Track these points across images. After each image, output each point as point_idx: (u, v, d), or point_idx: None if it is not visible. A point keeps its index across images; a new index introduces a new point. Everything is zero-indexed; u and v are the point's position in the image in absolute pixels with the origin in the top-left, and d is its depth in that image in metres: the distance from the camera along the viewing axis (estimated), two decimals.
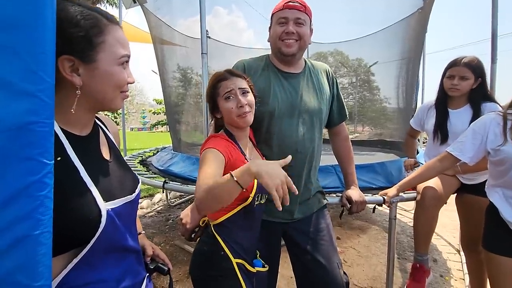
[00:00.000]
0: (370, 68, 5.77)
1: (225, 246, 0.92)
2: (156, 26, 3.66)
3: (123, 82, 0.62)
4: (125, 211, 0.64)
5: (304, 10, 1.11)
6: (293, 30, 1.09)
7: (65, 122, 0.59)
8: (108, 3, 7.44)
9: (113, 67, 0.59)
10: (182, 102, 4.44)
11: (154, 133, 25.80)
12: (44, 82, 0.45)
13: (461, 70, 1.55)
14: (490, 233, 1.22)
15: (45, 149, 0.45)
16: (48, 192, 0.46)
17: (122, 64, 0.61)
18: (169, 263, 0.88)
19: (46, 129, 0.45)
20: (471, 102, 1.59)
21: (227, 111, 0.95)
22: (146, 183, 2.13)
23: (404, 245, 2.78)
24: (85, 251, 0.56)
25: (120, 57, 0.60)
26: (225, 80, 0.96)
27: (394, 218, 1.58)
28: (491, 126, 1.16)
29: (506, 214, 1.12)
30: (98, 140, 0.67)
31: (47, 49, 0.45)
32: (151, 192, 4.40)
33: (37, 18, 0.44)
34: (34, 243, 0.45)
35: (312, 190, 1.22)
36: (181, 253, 2.59)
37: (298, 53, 1.14)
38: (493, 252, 1.17)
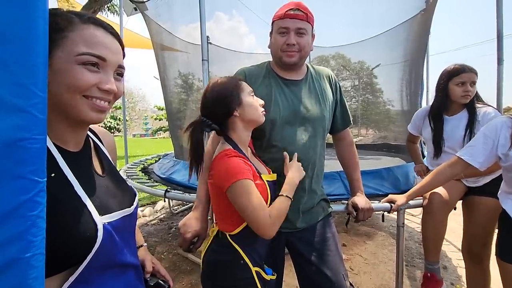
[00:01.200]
0: (372, 70, 5.75)
1: (244, 255, 0.92)
2: (157, 33, 3.68)
3: (80, 84, 0.53)
4: (123, 225, 0.62)
5: (306, 18, 1.07)
6: (294, 42, 1.07)
7: (57, 139, 0.57)
8: (110, 11, 7.52)
9: (69, 65, 0.52)
10: (184, 108, 4.44)
11: (156, 139, 25.91)
12: (36, 97, 0.42)
13: (472, 76, 1.57)
14: (504, 242, 1.17)
15: (37, 166, 0.43)
16: (40, 211, 0.44)
17: (85, 65, 0.53)
18: (170, 279, 0.84)
19: (37, 145, 0.43)
20: (468, 106, 1.60)
21: (253, 104, 0.98)
22: (147, 192, 2.10)
23: (412, 251, 2.71)
24: (82, 268, 0.53)
25: (77, 54, 0.52)
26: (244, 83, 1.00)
27: (402, 226, 1.54)
28: (502, 130, 1.12)
29: None
30: (90, 154, 0.65)
31: (38, 62, 0.43)
32: (153, 200, 4.37)
33: (29, 29, 0.42)
34: (25, 266, 0.42)
35: (316, 198, 1.19)
36: (184, 262, 2.55)
37: (300, 61, 1.13)
38: (508, 262, 1.12)
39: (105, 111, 0.59)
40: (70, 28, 0.53)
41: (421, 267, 2.41)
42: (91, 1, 5.04)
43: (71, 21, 0.54)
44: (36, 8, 0.42)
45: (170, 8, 3.42)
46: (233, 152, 0.91)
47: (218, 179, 0.90)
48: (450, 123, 1.64)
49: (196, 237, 1.07)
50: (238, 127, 0.97)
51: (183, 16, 3.60)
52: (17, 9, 0.40)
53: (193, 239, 1.06)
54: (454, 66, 1.62)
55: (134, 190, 0.72)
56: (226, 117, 0.96)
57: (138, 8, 3.56)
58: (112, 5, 7.21)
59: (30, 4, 0.41)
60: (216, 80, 0.99)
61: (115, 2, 6.80)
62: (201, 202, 1.10)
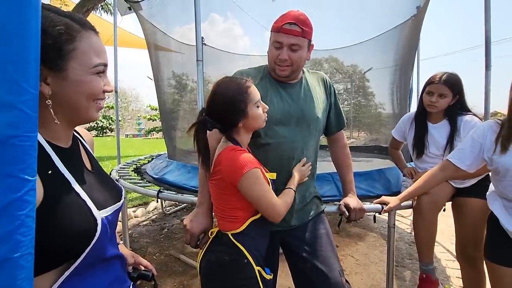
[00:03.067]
0: (364, 74, 5.82)
1: (247, 254, 0.93)
2: (152, 33, 3.66)
3: (96, 92, 0.59)
4: (113, 219, 0.64)
5: (301, 34, 1.07)
6: (286, 57, 1.08)
7: (48, 135, 0.57)
8: (103, 10, 7.43)
9: (86, 76, 0.56)
10: (177, 109, 4.41)
11: (150, 140, 25.66)
12: (27, 93, 0.42)
13: (440, 88, 1.58)
14: (491, 243, 1.20)
15: (27, 164, 0.42)
16: (29, 211, 0.43)
17: (97, 74, 0.58)
18: (152, 268, 0.86)
19: (28, 143, 0.42)
20: (448, 117, 1.63)
21: (259, 116, 0.99)
22: (140, 192, 2.08)
23: (402, 252, 2.75)
24: (78, 262, 0.54)
25: (93, 66, 0.57)
26: (252, 87, 0.99)
27: (392, 227, 1.56)
28: (488, 134, 1.15)
29: (505, 223, 1.10)
30: (79, 151, 0.67)
31: (31, 59, 0.42)
32: (145, 200, 4.33)
33: (21, 27, 0.41)
34: (14, 266, 0.42)
35: (308, 196, 1.21)
36: (176, 263, 2.53)
37: (292, 74, 1.15)
38: (495, 263, 1.15)
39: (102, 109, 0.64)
40: (78, 38, 0.55)
41: (411, 268, 2.44)
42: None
43: (77, 30, 0.55)
44: (29, 5, 0.42)
45: (165, 8, 3.40)
46: (239, 147, 0.95)
47: (228, 173, 0.91)
48: (433, 131, 1.67)
49: (203, 233, 1.07)
50: (240, 132, 1.00)
51: (178, 17, 3.59)
52: (10, 7, 0.40)
53: (199, 236, 1.07)
54: (433, 75, 1.65)
55: (119, 185, 0.74)
56: (230, 126, 0.97)
57: (133, 8, 3.53)
58: (105, 4, 7.13)
59: (23, 1, 0.41)
60: (227, 84, 0.98)
61: (108, 1, 6.73)
62: (205, 198, 1.10)
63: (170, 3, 3.39)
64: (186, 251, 2.71)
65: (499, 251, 1.14)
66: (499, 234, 1.13)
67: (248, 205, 0.95)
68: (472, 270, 1.56)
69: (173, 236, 3.17)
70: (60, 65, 0.53)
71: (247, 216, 0.96)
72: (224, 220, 0.98)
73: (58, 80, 0.54)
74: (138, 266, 0.84)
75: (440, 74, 1.61)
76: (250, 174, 0.89)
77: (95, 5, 5.21)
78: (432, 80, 1.62)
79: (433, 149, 1.67)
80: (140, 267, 0.84)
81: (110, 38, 3.87)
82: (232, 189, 0.92)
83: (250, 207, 0.95)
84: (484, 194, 1.29)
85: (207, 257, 0.98)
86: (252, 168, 0.90)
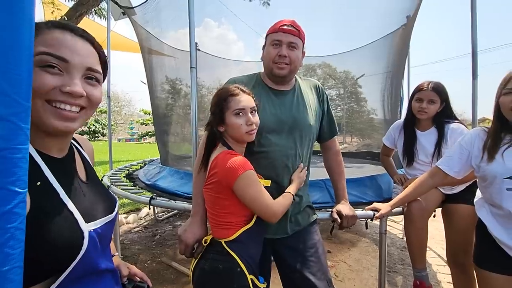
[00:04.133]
0: (357, 80, 5.91)
1: (241, 262, 0.93)
2: (145, 38, 3.65)
3: (39, 86, 0.50)
4: (105, 231, 0.62)
5: (298, 34, 1.13)
6: (286, 54, 1.11)
7: (39, 145, 0.56)
8: (97, 15, 7.39)
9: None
10: (171, 114, 4.39)
11: (142, 144, 25.41)
12: (18, 105, 0.42)
13: (430, 94, 1.63)
14: (480, 249, 1.21)
15: (17, 177, 0.42)
16: (19, 223, 0.43)
17: (44, 67, 0.51)
18: (148, 280, 0.84)
19: (19, 155, 0.42)
20: (436, 124, 1.68)
21: (236, 126, 0.99)
22: (132, 199, 2.06)
23: (394, 257, 2.77)
24: (64, 275, 0.52)
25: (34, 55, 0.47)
26: (237, 96, 0.99)
27: (384, 233, 1.57)
28: (476, 142, 1.18)
29: (493, 230, 1.12)
30: (74, 161, 0.65)
31: (22, 70, 0.42)
32: (137, 206, 4.27)
33: (13, 37, 0.41)
34: (2, 280, 0.41)
35: (302, 204, 1.21)
36: (168, 271, 2.49)
37: (289, 75, 1.17)
38: (484, 269, 1.16)
39: (73, 119, 0.55)
40: (36, 33, 0.50)
41: (402, 273, 2.46)
42: (77, 3, 4.95)
43: (37, 27, 0.51)
44: (23, 16, 0.42)
45: (159, 13, 3.41)
46: (234, 152, 0.98)
47: (224, 175, 0.92)
48: (421, 138, 1.71)
49: (197, 243, 1.07)
50: (229, 140, 1.02)
51: (172, 22, 3.60)
52: (2, 18, 0.40)
53: (194, 246, 1.07)
54: (420, 83, 1.70)
55: (114, 197, 0.73)
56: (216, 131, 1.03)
57: (126, 13, 3.53)
58: (99, 8, 7.09)
59: (16, 12, 0.41)
60: (217, 91, 1.05)
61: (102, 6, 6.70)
62: (199, 207, 1.10)
63: (164, 8, 3.40)
64: (178, 258, 2.68)
65: (488, 257, 1.16)
66: (487, 241, 1.15)
67: (242, 210, 0.96)
68: (462, 275, 1.58)
69: (165, 243, 3.13)
70: None
71: (241, 222, 0.96)
72: (217, 227, 0.98)
73: None
74: (133, 277, 0.83)
75: (427, 82, 1.67)
76: (246, 176, 0.91)
77: (89, 10, 5.18)
78: (421, 88, 1.67)
79: (422, 156, 1.70)
80: (136, 278, 0.83)
81: (103, 42, 3.85)
82: (227, 192, 0.93)
83: (244, 212, 0.96)
84: (473, 200, 1.31)
85: (201, 265, 0.98)
86: (248, 169, 0.92)
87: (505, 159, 1.07)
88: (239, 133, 1.00)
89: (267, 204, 0.95)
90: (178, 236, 1.08)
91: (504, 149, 1.09)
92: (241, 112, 0.99)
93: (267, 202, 0.95)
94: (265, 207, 0.95)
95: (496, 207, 1.12)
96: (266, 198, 0.95)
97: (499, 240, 1.10)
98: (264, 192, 0.96)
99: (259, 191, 0.94)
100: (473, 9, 1.96)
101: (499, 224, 1.11)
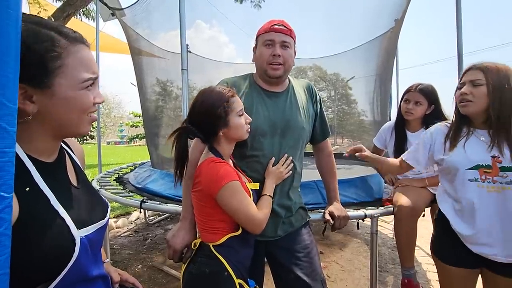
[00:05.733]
0: (347, 82, 5.99)
1: (228, 266, 0.92)
2: (135, 40, 3.61)
3: (87, 106, 0.57)
4: (96, 237, 0.61)
5: (289, 33, 1.13)
6: (279, 53, 1.11)
7: (30, 149, 0.55)
8: (85, 15, 7.23)
9: (75, 92, 0.54)
10: (161, 116, 4.35)
11: (132, 147, 25.05)
12: (5, 108, 0.40)
13: (415, 96, 1.68)
14: (439, 243, 1.23)
15: (3, 181, 0.41)
16: (5, 229, 0.42)
17: (87, 88, 0.56)
18: (140, 285, 0.84)
19: (4, 159, 0.41)
20: (425, 125, 1.71)
21: (240, 126, 0.99)
22: (121, 202, 2.02)
23: (385, 257, 2.81)
24: (55, 283, 0.51)
25: (82, 82, 0.55)
26: (235, 97, 1.00)
27: (375, 233, 1.59)
28: (437, 136, 1.22)
29: (456, 226, 1.13)
30: (65, 165, 0.64)
31: (9, 72, 0.41)
32: (127, 210, 4.20)
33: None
34: None
35: (294, 206, 1.21)
36: (159, 275, 2.46)
37: (283, 75, 1.16)
38: (444, 263, 1.18)
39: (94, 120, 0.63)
40: (66, 54, 0.53)
41: (393, 272, 2.49)
42: (65, 4, 4.85)
43: (63, 46, 0.53)
44: (8, 18, 0.41)
45: (149, 15, 3.38)
46: (219, 159, 0.95)
47: (207, 185, 0.91)
48: (411, 139, 1.75)
49: (186, 248, 1.06)
50: (222, 142, 1.00)
51: (162, 23, 3.57)
52: None
53: (183, 251, 1.06)
54: (410, 85, 1.75)
55: (106, 201, 0.72)
56: (211, 134, 0.98)
57: (115, 14, 3.48)
58: (87, 9, 6.96)
59: (2, 12, 0.40)
60: (208, 93, 0.98)
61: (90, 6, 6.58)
62: (188, 212, 1.09)
63: (154, 10, 3.37)
64: (169, 262, 2.65)
65: (450, 252, 1.17)
66: (449, 235, 1.16)
67: (228, 217, 0.94)
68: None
69: (156, 247, 3.08)
70: (46, 83, 0.51)
71: (229, 228, 0.95)
72: (205, 232, 0.97)
73: (45, 97, 0.52)
74: (125, 283, 0.82)
75: (416, 84, 1.72)
76: (228, 187, 0.89)
77: (77, 10, 5.09)
78: (409, 89, 1.72)
79: None
80: (128, 284, 0.82)
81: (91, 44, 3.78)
82: (211, 201, 0.92)
83: (231, 218, 0.95)
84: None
85: (189, 268, 0.97)
86: (230, 180, 0.90)
87: (466, 150, 1.10)
88: (242, 133, 1.00)
89: (251, 215, 0.92)
90: (167, 241, 1.07)
91: (465, 141, 1.12)
92: (242, 112, 1.00)
93: (251, 213, 0.92)
94: (249, 220, 0.93)
95: (460, 201, 1.13)
96: (249, 209, 0.92)
97: (461, 235, 1.12)
98: (248, 204, 0.93)
99: (242, 203, 0.91)
100: (458, 13, 2.02)
101: (461, 219, 1.12)
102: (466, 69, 1.13)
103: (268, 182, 1.08)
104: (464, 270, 1.14)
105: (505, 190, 1.03)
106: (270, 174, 1.10)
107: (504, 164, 1.03)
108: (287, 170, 1.14)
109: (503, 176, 1.03)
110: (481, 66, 1.08)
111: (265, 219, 0.98)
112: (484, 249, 1.07)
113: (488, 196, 1.05)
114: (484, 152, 1.07)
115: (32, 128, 0.54)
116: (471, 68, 1.11)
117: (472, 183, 1.08)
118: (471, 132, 1.13)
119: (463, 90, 1.10)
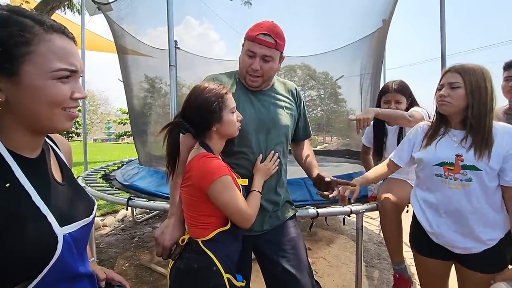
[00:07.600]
0: (336, 81, 6.06)
1: (217, 261, 0.92)
2: (121, 36, 3.53)
3: (59, 99, 0.54)
4: (81, 235, 0.60)
5: (275, 46, 1.09)
6: (258, 68, 1.10)
7: (10, 143, 0.53)
8: (69, 9, 6.99)
9: (43, 81, 0.52)
10: (149, 113, 4.28)
11: (120, 144, 24.57)
12: None
13: (395, 96, 1.73)
14: (415, 236, 1.31)
15: None
16: None
17: (60, 79, 0.53)
18: (126, 283, 0.83)
19: None
20: None
21: (232, 122, 1.01)
22: (108, 200, 1.99)
23: (371, 253, 2.87)
24: (36, 281, 0.51)
25: (53, 71, 0.52)
26: (229, 94, 1.02)
27: (360, 228, 1.63)
28: (418, 135, 1.28)
29: (424, 224, 1.21)
30: (49, 161, 0.62)
31: None
32: (114, 208, 4.13)
33: None
34: None
35: (280, 201, 1.23)
36: (147, 273, 2.44)
37: (261, 85, 1.17)
38: (419, 254, 1.27)
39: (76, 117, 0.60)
40: (36, 41, 0.51)
41: (379, 267, 2.56)
42: None
43: (34, 33, 0.51)
44: None
45: (136, 10, 3.31)
46: (210, 154, 0.96)
47: (198, 179, 0.91)
48: (389, 133, 1.81)
49: (174, 244, 1.05)
50: (214, 137, 1.01)
51: (150, 19, 3.50)
52: None
53: (171, 247, 1.06)
54: (385, 84, 1.79)
55: (93, 199, 0.70)
56: (203, 129, 0.99)
57: (101, 9, 3.39)
58: (71, 3, 6.74)
59: None
60: (204, 88, 0.99)
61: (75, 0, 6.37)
62: (177, 208, 1.08)
63: (140, 5, 3.30)
64: (156, 259, 2.63)
65: (422, 243, 1.25)
66: (421, 229, 1.24)
67: (218, 212, 0.95)
68: None
69: (144, 245, 3.05)
70: (9, 69, 0.49)
71: (218, 223, 0.96)
72: (194, 227, 0.97)
73: (11, 85, 0.50)
74: (112, 281, 0.81)
75: (391, 83, 1.76)
76: (220, 181, 0.90)
77: (61, 3, 4.93)
78: (386, 90, 1.76)
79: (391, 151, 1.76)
80: (114, 282, 0.81)
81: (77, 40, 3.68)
82: (202, 195, 0.93)
83: (220, 213, 0.96)
84: None
85: (177, 264, 0.97)
86: (222, 175, 0.91)
87: (437, 148, 1.17)
88: (234, 129, 1.02)
89: (240, 209, 0.94)
90: (155, 239, 1.06)
91: (438, 140, 1.19)
92: (234, 109, 1.02)
93: (241, 208, 0.94)
94: (239, 214, 0.94)
95: (425, 195, 1.22)
96: (240, 203, 0.94)
97: (425, 227, 1.20)
98: (238, 198, 0.94)
99: (233, 197, 0.93)
100: (442, 15, 2.08)
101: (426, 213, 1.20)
102: (444, 71, 1.17)
103: (257, 178, 1.10)
104: (438, 262, 1.22)
105: (465, 187, 1.09)
106: (258, 171, 1.12)
107: (465, 163, 1.09)
108: (274, 166, 1.16)
109: (463, 174, 1.09)
110: (459, 68, 1.11)
111: (255, 214, 1.00)
112: (444, 240, 1.15)
113: (450, 192, 1.12)
114: (451, 150, 1.13)
115: (5, 119, 0.52)
116: (449, 70, 1.14)
117: (437, 178, 1.15)
118: (447, 132, 1.19)
119: (441, 92, 1.14)
